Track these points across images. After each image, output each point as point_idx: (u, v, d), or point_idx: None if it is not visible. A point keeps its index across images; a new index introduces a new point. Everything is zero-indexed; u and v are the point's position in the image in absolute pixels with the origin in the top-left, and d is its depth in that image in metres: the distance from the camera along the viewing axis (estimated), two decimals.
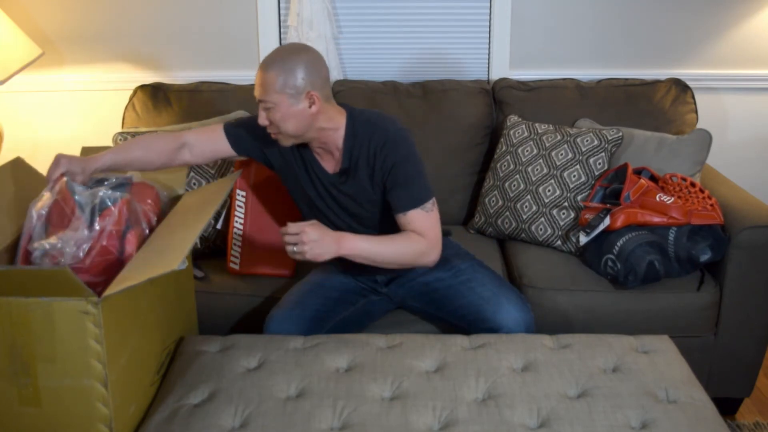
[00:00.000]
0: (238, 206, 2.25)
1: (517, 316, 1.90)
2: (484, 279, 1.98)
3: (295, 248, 1.71)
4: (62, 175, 1.69)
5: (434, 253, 1.86)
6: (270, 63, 1.77)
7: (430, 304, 2.02)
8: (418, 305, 2.05)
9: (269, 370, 1.66)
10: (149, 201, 1.75)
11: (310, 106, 1.79)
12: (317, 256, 1.72)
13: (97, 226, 1.59)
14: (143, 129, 2.50)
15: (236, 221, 2.25)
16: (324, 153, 1.92)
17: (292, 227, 1.71)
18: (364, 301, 2.06)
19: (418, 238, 1.83)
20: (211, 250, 2.37)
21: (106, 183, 1.72)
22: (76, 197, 1.62)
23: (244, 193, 2.25)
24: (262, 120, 1.81)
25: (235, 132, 1.98)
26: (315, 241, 1.71)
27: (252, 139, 1.97)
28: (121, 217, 1.62)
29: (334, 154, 1.89)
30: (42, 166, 2.70)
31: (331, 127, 1.85)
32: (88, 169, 1.74)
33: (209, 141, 1.96)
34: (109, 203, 1.63)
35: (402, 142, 1.84)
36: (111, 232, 1.60)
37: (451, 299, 1.97)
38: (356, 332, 2.03)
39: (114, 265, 1.59)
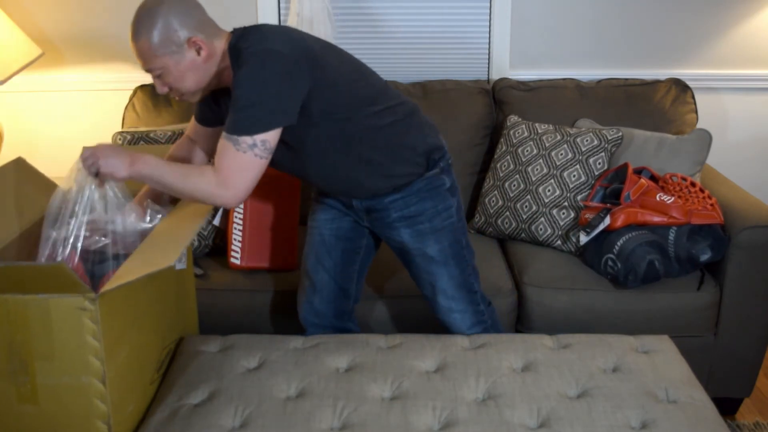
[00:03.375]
0: None
1: (462, 327, 1.89)
2: (449, 284, 1.87)
3: (90, 165, 1.59)
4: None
5: (224, 197, 1.59)
6: (136, 29, 1.60)
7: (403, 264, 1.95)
8: (396, 253, 1.94)
9: (269, 370, 1.65)
10: None
11: (198, 53, 1.62)
12: (110, 172, 1.58)
13: None
14: (143, 129, 2.50)
15: (236, 215, 2.24)
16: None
17: (90, 147, 1.62)
18: (365, 242, 1.96)
19: (210, 174, 1.59)
20: (210, 249, 2.37)
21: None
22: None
23: None
24: (160, 88, 1.67)
25: (201, 118, 1.89)
26: (108, 156, 1.58)
27: (205, 111, 1.87)
28: None
29: None
30: (42, 166, 2.70)
31: (225, 65, 1.67)
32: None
33: (207, 140, 1.91)
34: None
35: (251, 60, 1.57)
36: None
37: (414, 279, 1.91)
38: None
39: None
